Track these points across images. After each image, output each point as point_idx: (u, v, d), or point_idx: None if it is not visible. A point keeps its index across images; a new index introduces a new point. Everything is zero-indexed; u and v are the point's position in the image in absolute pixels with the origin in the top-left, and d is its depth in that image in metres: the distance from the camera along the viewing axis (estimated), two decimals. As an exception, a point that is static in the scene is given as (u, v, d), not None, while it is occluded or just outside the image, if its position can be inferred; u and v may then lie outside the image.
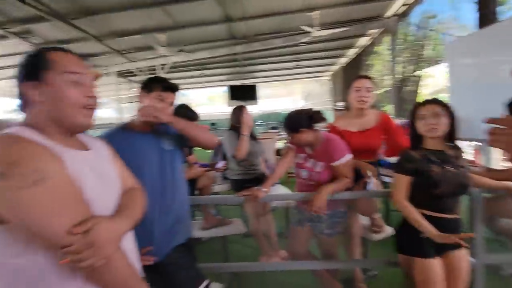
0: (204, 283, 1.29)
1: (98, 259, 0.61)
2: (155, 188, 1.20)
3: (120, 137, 1.22)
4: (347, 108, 2.02)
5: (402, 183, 1.35)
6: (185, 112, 1.93)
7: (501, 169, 1.97)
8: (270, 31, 6.84)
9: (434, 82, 6.33)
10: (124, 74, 9.86)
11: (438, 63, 4.68)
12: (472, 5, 3.96)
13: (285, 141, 1.85)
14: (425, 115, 1.31)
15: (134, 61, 8.10)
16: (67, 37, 6.35)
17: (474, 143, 3.42)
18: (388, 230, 1.88)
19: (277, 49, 8.61)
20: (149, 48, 7.21)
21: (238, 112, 2.36)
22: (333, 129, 1.88)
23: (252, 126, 2.29)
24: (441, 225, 1.29)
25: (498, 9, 3.91)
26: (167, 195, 1.26)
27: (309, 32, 5.64)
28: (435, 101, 1.33)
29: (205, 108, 16.37)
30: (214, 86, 13.83)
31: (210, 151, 4.31)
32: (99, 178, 0.74)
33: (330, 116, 6.86)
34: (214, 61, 9.57)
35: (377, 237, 1.84)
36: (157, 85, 1.27)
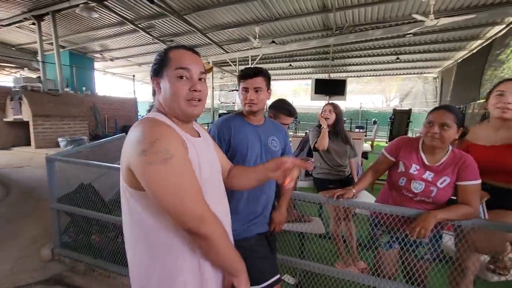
0: (275, 277, 1.28)
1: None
2: None
3: (235, 122, 1.32)
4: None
5: None
6: (285, 107, 1.92)
7: None
8: (370, 21, 6.24)
9: None
10: (218, 64, 10.78)
11: None
12: None
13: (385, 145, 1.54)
14: None
15: (229, 52, 8.72)
16: (178, 31, 7.32)
17: None
18: (513, 274, 1.48)
19: (375, 41, 7.84)
20: (244, 40, 7.63)
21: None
22: (458, 141, 1.53)
23: (330, 121, 2.30)
24: None
25: None
26: (257, 187, 1.29)
27: (421, 22, 4.85)
28: None
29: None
30: (300, 79, 13.69)
31: (291, 145, 4.32)
32: (209, 161, 0.83)
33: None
34: (303, 53, 9.45)
35: (495, 278, 1.47)
36: (239, 77, 1.31)
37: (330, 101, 2.47)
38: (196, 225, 0.67)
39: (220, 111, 11.50)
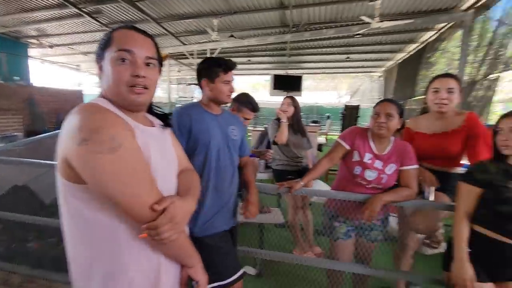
0: (239, 273, 1.30)
1: (174, 234, 0.66)
2: (213, 167, 1.27)
3: (195, 111, 1.30)
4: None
5: (468, 195, 1.20)
6: (249, 101, 1.92)
7: None
8: (324, 20, 6.54)
9: (511, 88, 5.51)
10: (175, 56, 10.32)
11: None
12: None
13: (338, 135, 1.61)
14: (501, 129, 1.15)
15: (187, 44, 8.40)
16: (130, 19, 6.79)
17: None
18: (445, 246, 1.72)
19: (328, 40, 8.24)
20: (202, 32, 7.40)
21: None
22: (405, 130, 1.69)
23: (289, 114, 2.37)
24: (499, 249, 1.14)
25: None
26: (221, 176, 1.30)
27: (367, 23, 5.23)
28: None
29: (247, 96, 16.51)
30: (258, 74, 13.81)
31: (251, 139, 4.36)
32: (162, 153, 0.78)
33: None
34: (262, 49, 9.53)
35: (430, 251, 1.70)
36: (218, 69, 1.28)
37: (288, 95, 2.53)
38: (151, 216, 0.63)
39: (178, 106, 11.08)
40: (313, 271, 2.06)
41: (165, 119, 0.88)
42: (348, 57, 9.64)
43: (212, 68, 1.29)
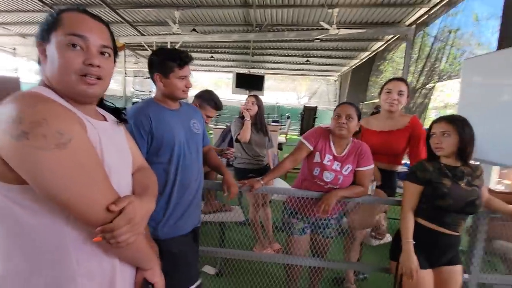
0: (196, 283, 1.26)
1: (132, 237, 0.62)
2: (179, 164, 1.23)
3: (153, 110, 1.22)
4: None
5: (411, 192, 1.36)
6: (212, 99, 1.88)
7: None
8: (286, 22, 6.73)
9: (442, 97, 6.32)
10: (132, 47, 9.68)
11: (451, 78, 4.64)
12: (494, 24, 3.91)
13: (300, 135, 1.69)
14: (434, 133, 1.33)
15: (145, 35, 7.94)
16: (80, 1, 6.18)
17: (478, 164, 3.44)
18: (389, 237, 1.91)
19: (290, 42, 8.51)
20: (162, 23, 7.06)
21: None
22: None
23: (253, 113, 2.40)
24: (437, 239, 1.31)
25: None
26: (187, 172, 1.26)
27: (326, 29, 5.54)
28: (445, 119, 1.31)
29: (208, 92, 16.17)
30: (221, 72, 13.66)
31: (212, 136, 4.31)
32: (116, 149, 0.73)
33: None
34: (225, 46, 9.44)
35: (376, 242, 1.88)
36: (173, 64, 1.19)
37: (252, 94, 2.56)
38: (106, 218, 0.58)
39: (134, 100, 10.37)
40: (272, 266, 2.13)
41: (118, 113, 0.82)
42: (307, 60, 10.07)
43: (166, 63, 1.19)
